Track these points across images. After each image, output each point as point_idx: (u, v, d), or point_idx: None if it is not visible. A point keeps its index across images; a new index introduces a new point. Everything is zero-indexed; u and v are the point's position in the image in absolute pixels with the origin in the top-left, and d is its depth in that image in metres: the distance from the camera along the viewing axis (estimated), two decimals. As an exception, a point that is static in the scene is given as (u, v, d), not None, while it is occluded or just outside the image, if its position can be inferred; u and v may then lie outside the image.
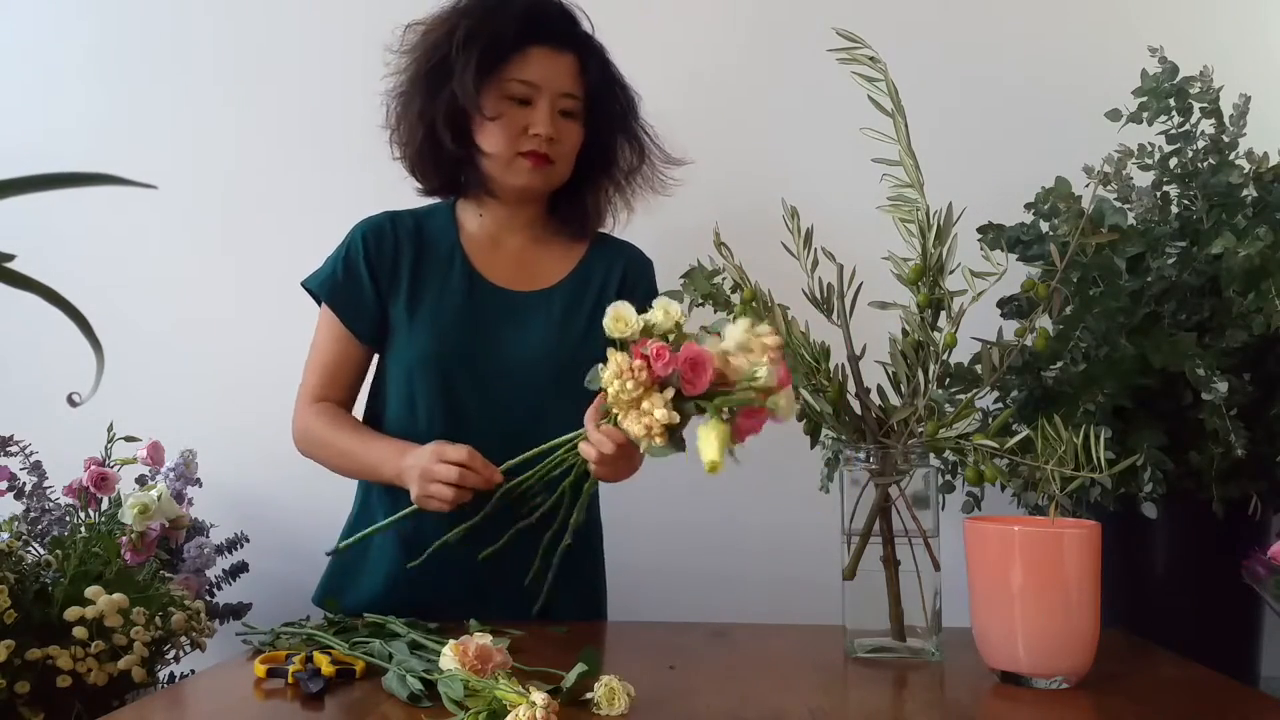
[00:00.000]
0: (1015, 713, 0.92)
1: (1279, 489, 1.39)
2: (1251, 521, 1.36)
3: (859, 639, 1.08)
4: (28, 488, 1.47)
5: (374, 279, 1.35)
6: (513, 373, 1.32)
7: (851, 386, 1.11)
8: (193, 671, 1.15)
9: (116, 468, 1.45)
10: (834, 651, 1.10)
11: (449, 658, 0.87)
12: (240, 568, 1.66)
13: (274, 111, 1.85)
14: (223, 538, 1.65)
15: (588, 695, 0.86)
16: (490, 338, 1.33)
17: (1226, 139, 1.47)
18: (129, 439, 1.49)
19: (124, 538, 1.37)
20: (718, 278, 1.20)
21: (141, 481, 1.55)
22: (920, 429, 1.07)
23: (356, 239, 1.37)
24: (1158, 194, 1.51)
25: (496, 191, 1.37)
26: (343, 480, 1.40)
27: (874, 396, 1.12)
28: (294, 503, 1.73)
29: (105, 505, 1.42)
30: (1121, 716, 0.90)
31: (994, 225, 1.53)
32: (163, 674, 1.41)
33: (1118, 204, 1.50)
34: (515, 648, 1.03)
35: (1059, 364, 1.39)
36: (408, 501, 1.27)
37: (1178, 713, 0.91)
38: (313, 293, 1.38)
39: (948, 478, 1.49)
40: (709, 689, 0.96)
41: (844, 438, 1.13)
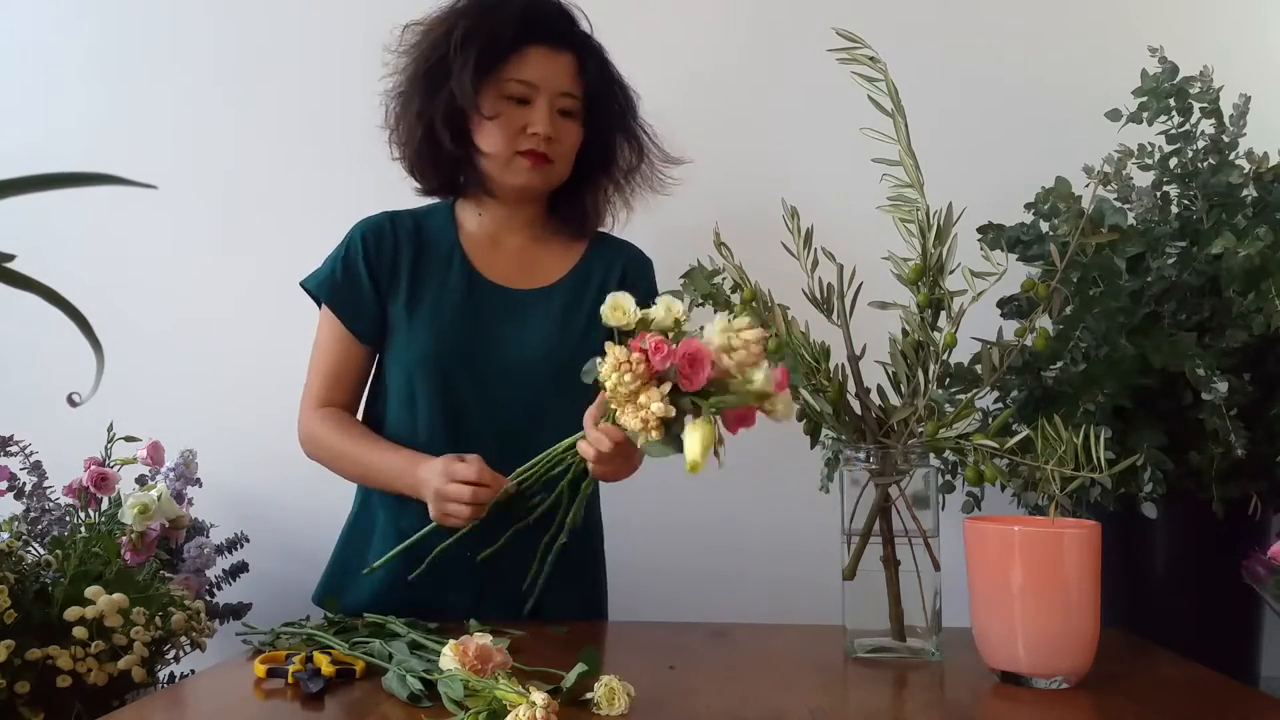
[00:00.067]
0: (1015, 713, 0.92)
1: (1279, 489, 1.39)
2: (1251, 521, 1.36)
3: (859, 639, 1.08)
4: (28, 488, 1.47)
5: (373, 279, 1.35)
6: (511, 371, 1.32)
7: (851, 386, 1.11)
8: (193, 671, 1.15)
9: (116, 468, 1.45)
10: (834, 651, 1.10)
11: (449, 658, 0.87)
12: (240, 568, 1.66)
13: (274, 111, 1.85)
14: (223, 538, 1.65)
15: (588, 695, 0.86)
16: (489, 336, 1.33)
17: (1226, 139, 1.47)
18: (129, 439, 1.49)
19: (124, 538, 1.37)
20: (718, 278, 1.20)
21: (141, 481, 1.55)
22: (920, 429, 1.07)
23: (355, 239, 1.37)
24: (1158, 194, 1.51)
25: (495, 191, 1.37)
26: (342, 481, 1.40)
27: (874, 396, 1.12)
28: (294, 503, 1.73)
29: (105, 505, 1.42)
30: (1121, 716, 0.90)
31: (994, 225, 1.53)
32: (163, 674, 1.41)
33: (1118, 204, 1.50)
34: (515, 648, 1.03)
35: (1059, 364, 1.39)
36: (408, 503, 1.27)
37: (1178, 713, 0.91)
38: (312, 293, 1.38)
39: (948, 478, 1.49)
40: (709, 689, 0.96)
41: (844, 438, 1.13)
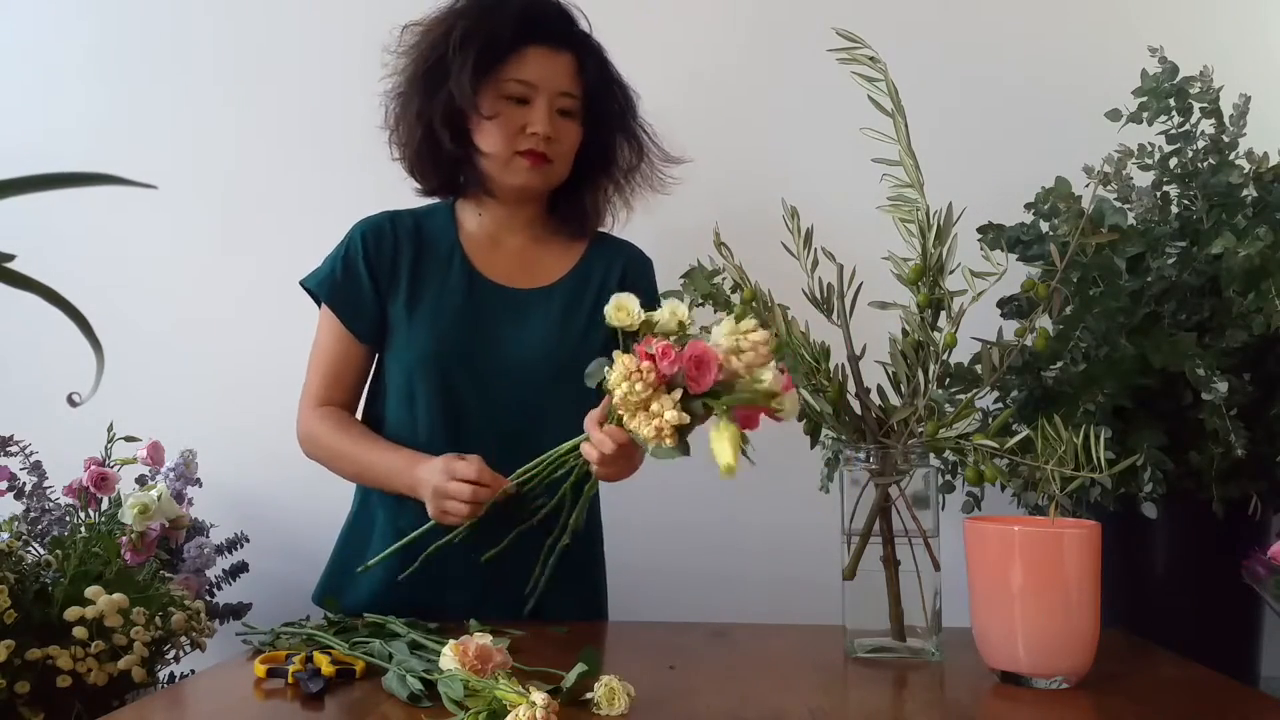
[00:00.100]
0: (1015, 713, 0.92)
1: (1279, 489, 1.39)
2: (1251, 521, 1.36)
3: (859, 639, 1.08)
4: (28, 488, 1.47)
5: (373, 278, 1.35)
6: (511, 371, 1.32)
7: (851, 386, 1.11)
8: (193, 671, 1.15)
9: (116, 468, 1.45)
10: (834, 651, 1.10)
11: (449, 658, 0.87)
12: (240, 568, 1.66)
13: (274, 111, 1.85)
14: (223, 538, 1.65)
15: (588, 695, 0.86)
16: (489, 336, 1.33)
17: (1226, 139, 1.47)
18: (129, 439, 1.49)
19: (124, 538, 1.37)
20: (718, 278, 1.20)
21: (141, 481, 1.55)
22: (920, 429, 1.07)
23: (355, 239, 1.37)
24: (1158, 194, 1.51)
25: (495, 191, 1.37)
26: (342, 480, 1.40)
27: (874, 396, 1.12)
28: (294, 503, 1.73)
29: (105, 505, 1.42)
30: (1121, 716, 0.90)
31: (994, 225, 1.53)
32: (163, 674, 1.41)
33: (1118, 204, 1.50)
34: (515, 648, 1.03)
35: (1059, 364, 1.39)
36: (407, 502, 1.27)
37: (1178, 713, 0.91)
38: (312, 292, 1.38)
39: (948, 478, 1.49)
40: (709, 689, 0.95)
41: (844, 438, 1.13)
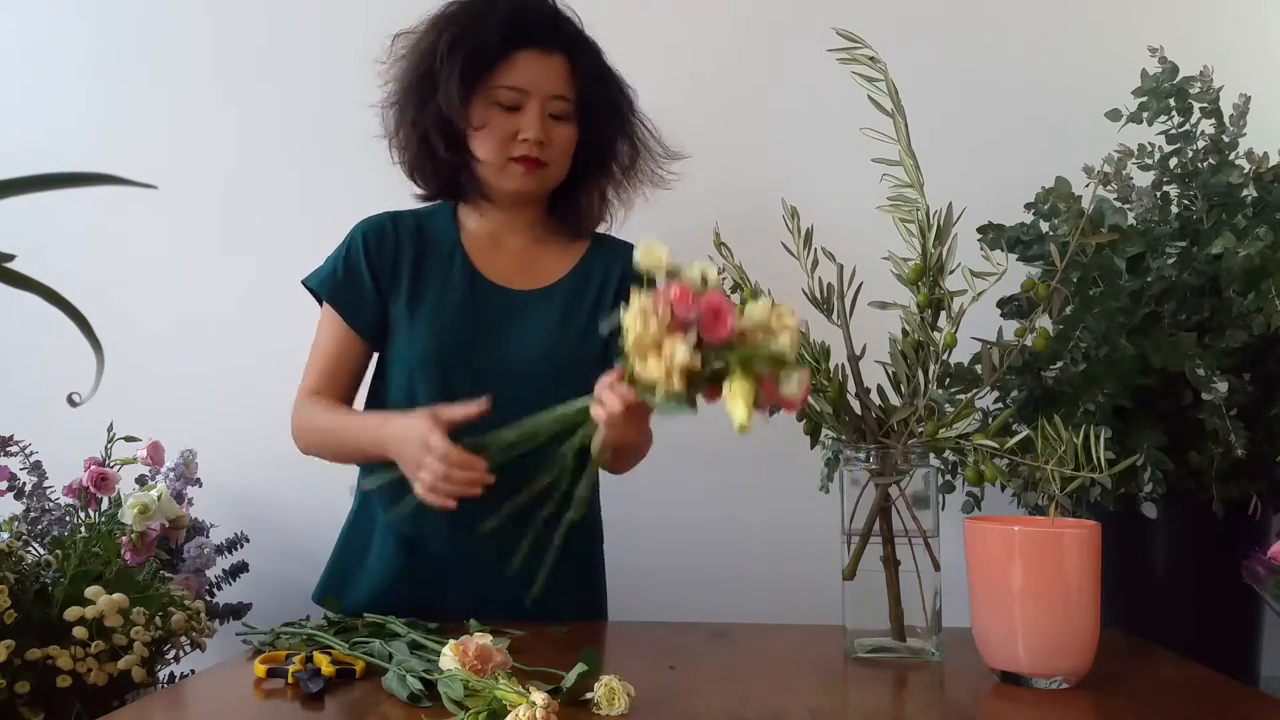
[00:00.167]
0: (1015, 713, 0.92)
1: (1279, 489, 1.39)
2: (1251, 521, 1.36)
3: (859, 639, 1.08)
4: (28, 488, 1.47)
5: (374, 277, 1.35)
6: (511, 371, 1.31)
7: (851, 386, 1.11)
8: (193, 671, 1.15)
9: (116, 468, 1.45)
10: (834, 651, 1.10)
11: (449, 658, 0.87)
12: (240, 568, 1.66)
13: (274, 111, 1.85)
14: (223, 538, 1.65)
15: (588, 695, 0.86)
16: (490, 337, 1.33)
17: (1226, 139, 1.47)
18: (129, 439, 1.49)
19: (124, 538, 1.37)
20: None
21: (141, 481, 1.55)
22: (920, 429, 1.07)
23: (357, 238, 1.37)
24: (1158, 194, 1.51)
25: (492, 196, 1.37)
26: (342, 480, 1.40)
27: (874, 396, 1.12)
28: (294, 503, 1.73)
29: (105, 505, 1.42)
30: (1121, 716, 0.90)
31: (994, 225, 1.53)
32: (163, 674, 1.41)
33: (1118, 204, 1.50)
34: (515, 648, 1.03)
35: (1059, 364, 1.39)
36: (408, 499, 1.27)
37: (1178, 713, 0.91)
38: (313, 291, 1.38)
39: (948, 478, 1.49)
40: (709, 689, 0.96)
41: (844, 438, 1.13)
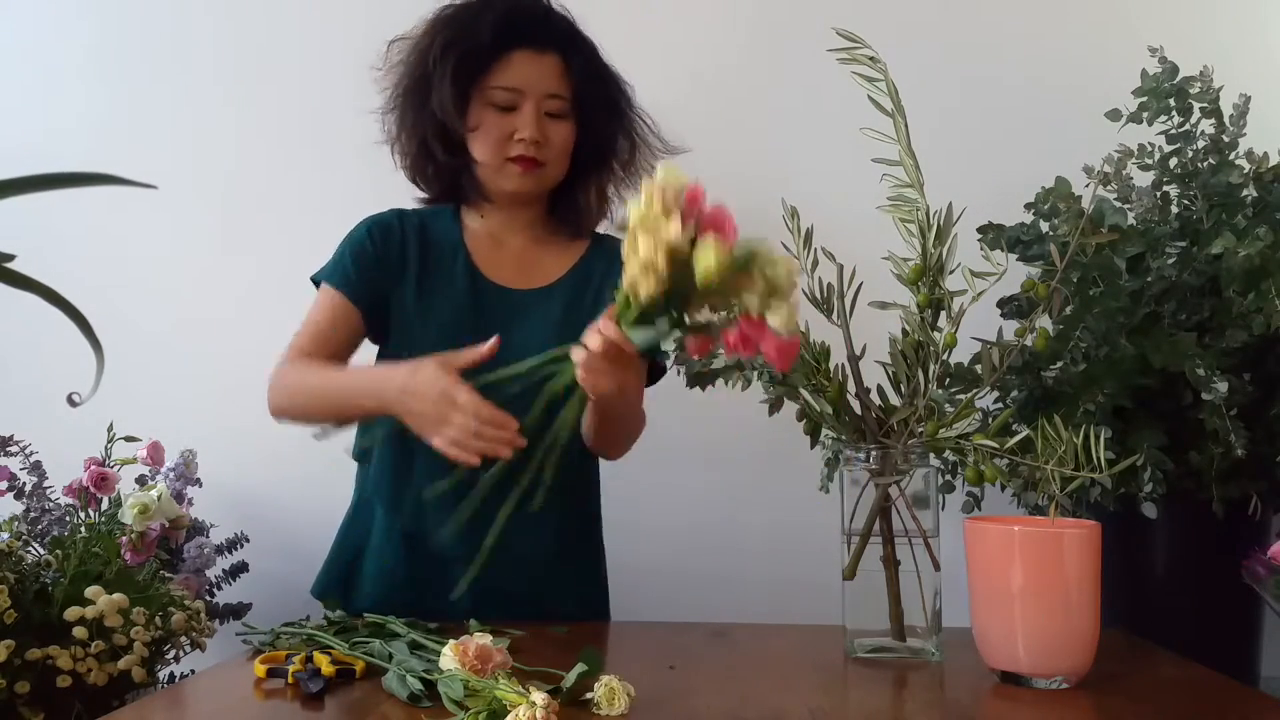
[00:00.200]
0: (1015, 713, 0.92)
1: (1279, 489, 1.39)
2: (1251, 521, 1.36)
3: (859, 639, 1.08)
4: (28, 488, 1.47)
5: (380, 263, 1.34)
6: (511, 371, 1.31)
7: (851, 386, 1.11)
8: (193, 671, 1.15)
9: (116, 468, 1.45)
10: (834, 651, 1.10)
11: (449, 658, 0.87)
12: (240, 568, 1.66)
13: (274, 111, 1.85)
14: (223, 538, 1.65)
15: (588, 695, 0.86)
16: (490, 337, 1.33)
17: (1226, 139, 1.47)
18: (129, 439, 1.49)
19: (124, 538, 1.37)
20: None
21: (141, 481, 1.55)
22: (920, 429, 1.07)
23: (363, 232, 1.36)
24: (1158, 194, 1.51)
25: (492, 197, 1.37)
26: (342, 480, 1.40)
27: (874, 396, 1.12)
28: (294, 503, 1.73)
29: (105, 505, 1.42)
30: (1121, 716, 0.90)
31: (994, 225, 1.53)
32: (163, 674, 1.41)
33: (1118, 204, 1.50)
34: (515, 648, 1.03)
35: (1059, 364, 1.39)
36: (406, 496, 1.27)
37: (1178, 713, 0.91)
38: (318, 284, 1.37)
39: (948, 478, 1.49)
40: (709, 689, 0.95)
41: (844, 438, 1.13)
